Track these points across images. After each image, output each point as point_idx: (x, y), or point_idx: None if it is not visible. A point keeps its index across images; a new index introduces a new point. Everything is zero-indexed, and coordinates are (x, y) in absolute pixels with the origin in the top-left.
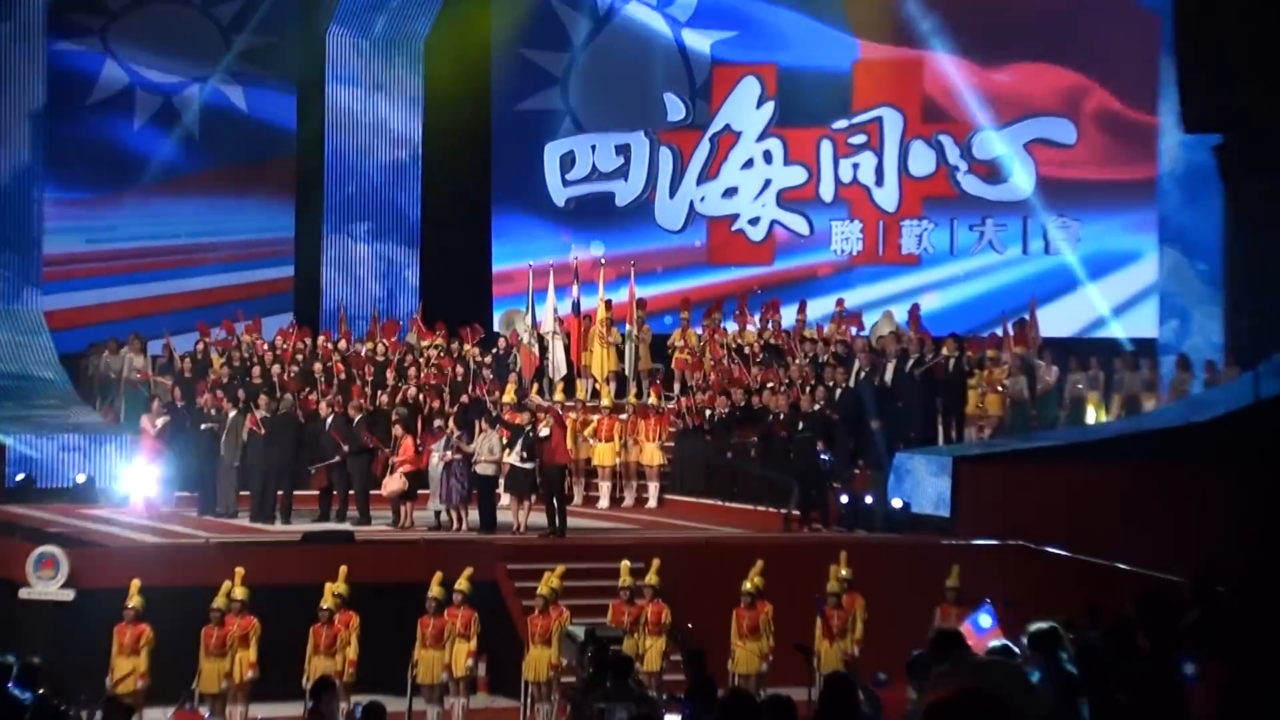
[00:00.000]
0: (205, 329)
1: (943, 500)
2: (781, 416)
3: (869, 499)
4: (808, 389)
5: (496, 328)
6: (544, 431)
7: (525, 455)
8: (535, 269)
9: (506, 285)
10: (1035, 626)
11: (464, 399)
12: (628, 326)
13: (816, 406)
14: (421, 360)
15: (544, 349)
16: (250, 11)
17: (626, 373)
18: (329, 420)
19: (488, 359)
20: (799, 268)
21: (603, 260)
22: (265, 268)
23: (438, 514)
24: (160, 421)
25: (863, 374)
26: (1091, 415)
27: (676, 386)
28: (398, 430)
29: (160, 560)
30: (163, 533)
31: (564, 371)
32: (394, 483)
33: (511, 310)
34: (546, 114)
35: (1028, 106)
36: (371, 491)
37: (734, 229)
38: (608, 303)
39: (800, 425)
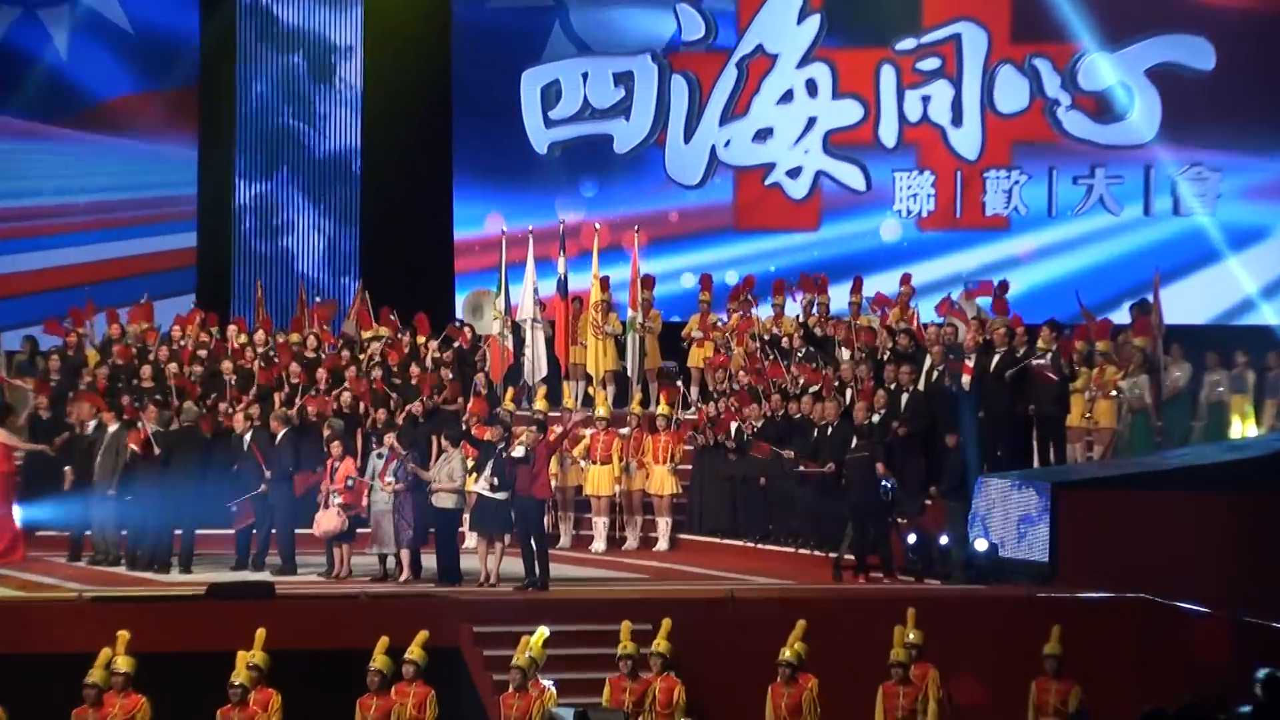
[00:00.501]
0: (79, 315)
1: (1040, 540)
2: (830, 430)
3: (944, 539)
4: (864, 394)
5: (459, 314)
6: (520, 451)
7: (496, 482)
8: (509, 236)
9: (471, 258)
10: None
11: (417, 408)
12: (630, 312)
13: (876, 417)
14: (363, 357)
15: (520, 342)
16: None
17: (629, 373)
18: (246, 436)
19: (448, 355)
20: (853, 233)
21: (598, 225)
22: (159, 235)
23: (383, 560)
24: (16, 447)
25: (936, 374)
26: (1236, 427)
27: (694, 391)
28: (334, 449)
29: (16, 622)
30: (18, 584)
31: (545, 372)
32: (329, 519)
33: (478, 291)
34: (529, 14)
35: (1151, 21)
36: (299, 530)
37: (768, 183)
38: (604, 280)
39: (854, 441)
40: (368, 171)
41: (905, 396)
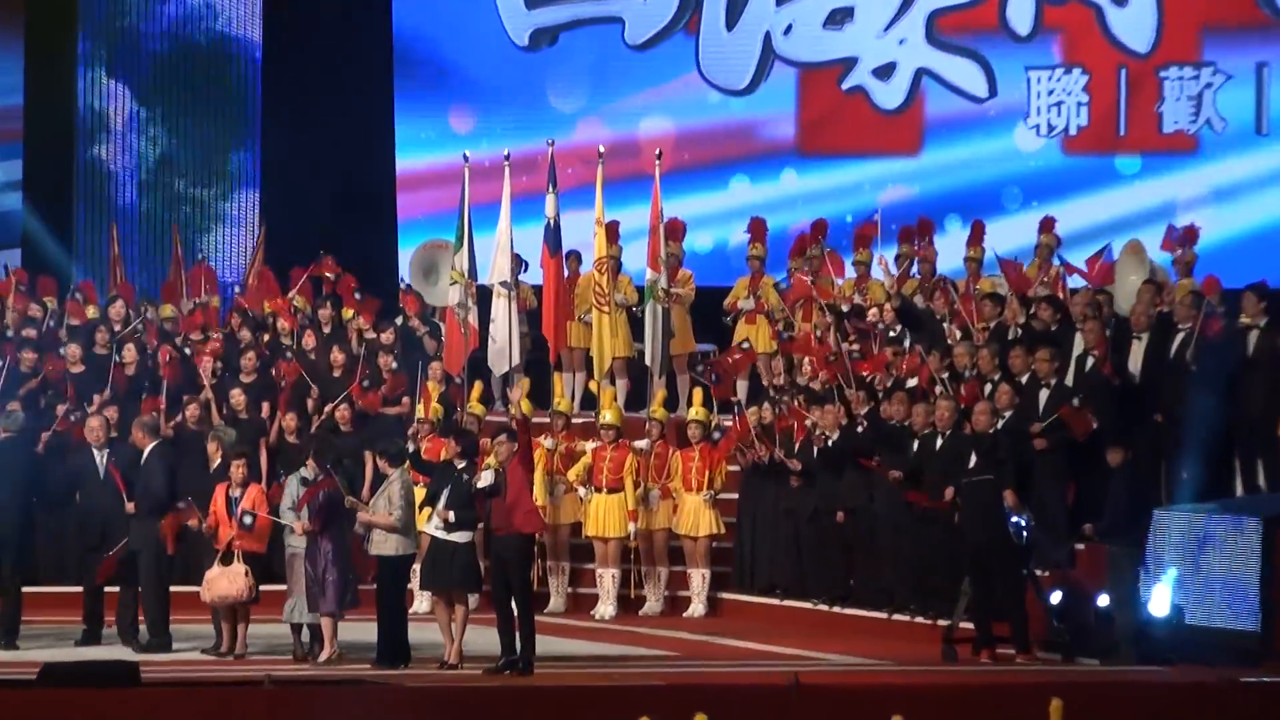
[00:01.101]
0: None
1: (1245, 602)
2: (938, 443)
3: (1103, 600)
4: (985, 390)
5: (404, 277)
6: (488, 478)
7: (454, 518)
8: (475, 165)
9: (421, 195)
10: None
11: (342, 413)
12: (650, 273)
13: (1001, 422)
14: (263, 340)
15: (488, 316)
16: None
17: (648, 360)
18: (101, 456)
19: (387, 335)
20: (969, 159)
21: (602, 150)
22: None
23: (297, 630)
24: None
25: (1091, 362)
26: None
27: (743, 387)
28: (234, 470)
29: None
30: None
31: (517, 359)
32: (227, 581)
33: (431, 244)
34: None
35: None
36: (178, 588)
37: (847, 87)
38: (612, 227)
39: (973, 458)
40: (270, 71)
41: (1045, 393)
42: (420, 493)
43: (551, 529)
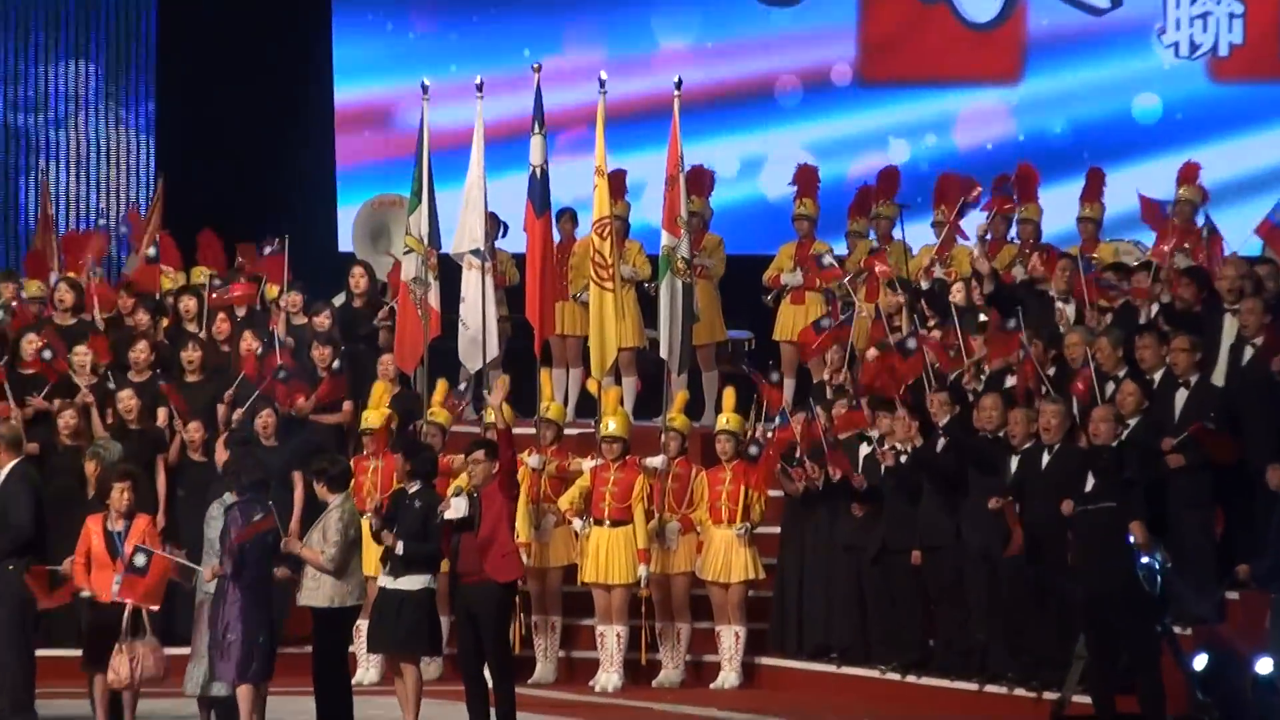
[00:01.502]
0: None
1: None
2: (1044, 458)
3: (1262, 664)
4: (1106, 390)
5: (346, 243)
6: (458, 509)
7: (407, 553)
8: (438, 91)
9: (367, 139)
10: None
11: (262, 421)
12: (667, 238)
13: (1126, 433)
14: (161, 325)
15: (455, 296)
16: None
17: (664, 352)
18: None
19: (322, 319)
20: (1083, 89)
21: (604, 75)
22: None
23: (206, 707)
24: None
25: (1248, 353)
26: None
27: (787, 387)
28: (116, 496)
29: None
30: None
31: (495, 350)
32: (129, 659)
33: (381, 200)
34: None
35: None
36: (42, 652)
37: None
38: (617, 177)
39: (1089, 481)
40: None
41: (1184, 395)
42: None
43: (538, 574)
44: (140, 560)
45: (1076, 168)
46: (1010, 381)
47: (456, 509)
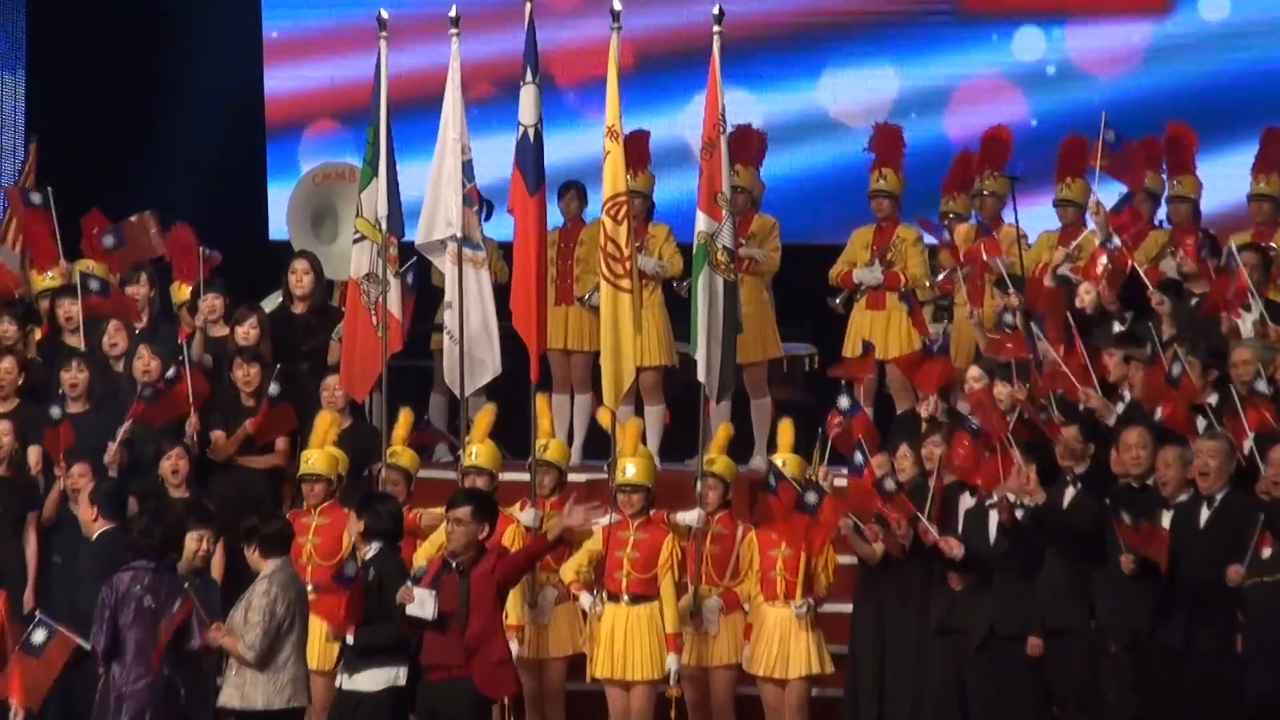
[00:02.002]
0: None
1: None
2: (1205, 510)
3: None
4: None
5: (280, 229)
6: (425, 604)
7: (361, 642)
8: (396, 33)
9: (307, 90)
10: None
11: (171, 466)
12: (704, 222)
13: None
14: (31, 337)
15: (426, 295)
16: None
17: (701, 374)
18: None
19: (249, 331)
20: (1253, 25)
21: (619, 6)
22: None
23: None
24: None
25: None
26: None
27: (861, 418)
28: None
29: None
30: None
31: (492, 371)
32: None
33: (327, 170)
34: None
35: None
36: None
37: None
38: (637, 143)
39: (1269, 548)
40: None
41: None
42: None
43: (534, 667)
44: (39, 637)
45: (1245, 128)
46: (1160, 412)
47: (421, 606)
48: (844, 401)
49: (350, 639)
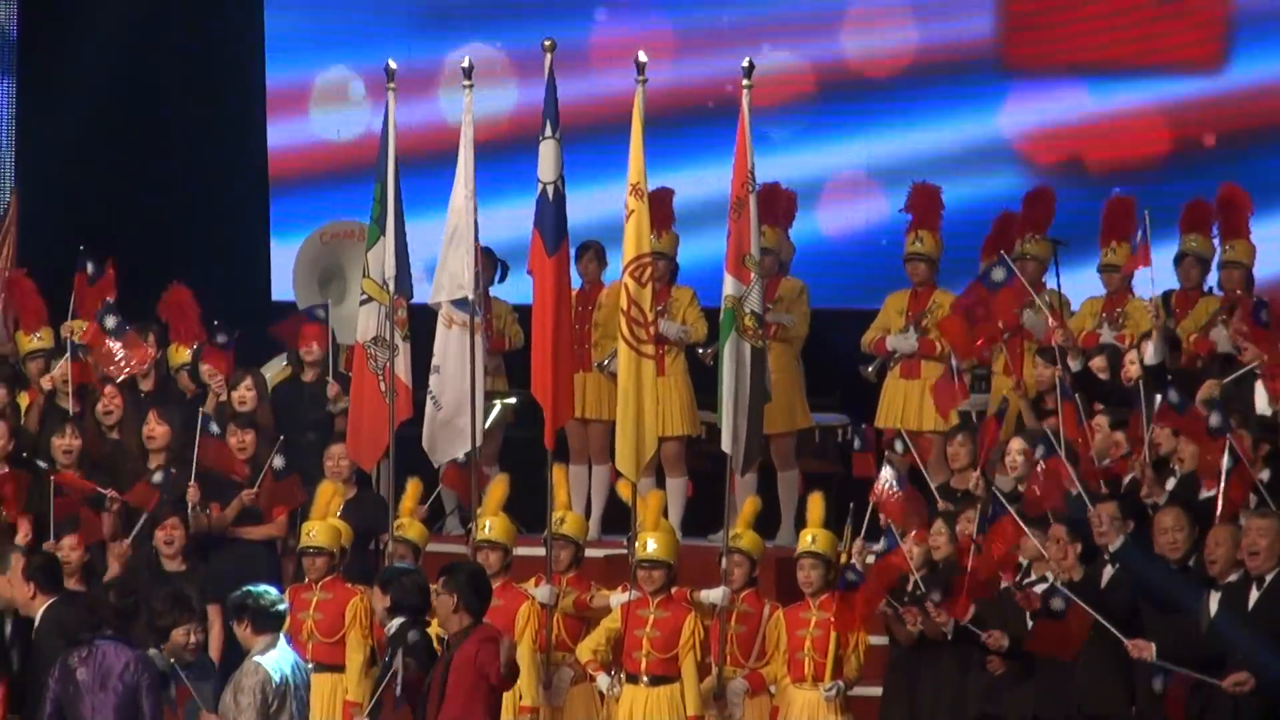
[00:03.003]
0: None
1: None
2: (1254, 592)
3: None
4: None
5: (288, 290)
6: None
7: None
8: (406, 86)
9: (312, 145)
10: None
11: (165, 536)
12: (732, 285)
13: None
14: (15, 403)
15: (429, 363)
16: None
17: (725, 444)
18: None
19: (245, 395)
20: None
21: (644, 59)
22: None
23: None
24: None
25: None
26: None
27: (890, 490)
28: None
29: None
30: None
31: (480, 435)
32: None
33: (334, 231)
34: None
35: None
36: None
37: None
38: (661, 202)
39: None
40: None
41: None
42: None
43: None
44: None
45: None
46: (1209, 491)
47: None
48: (888, 472)
49: None
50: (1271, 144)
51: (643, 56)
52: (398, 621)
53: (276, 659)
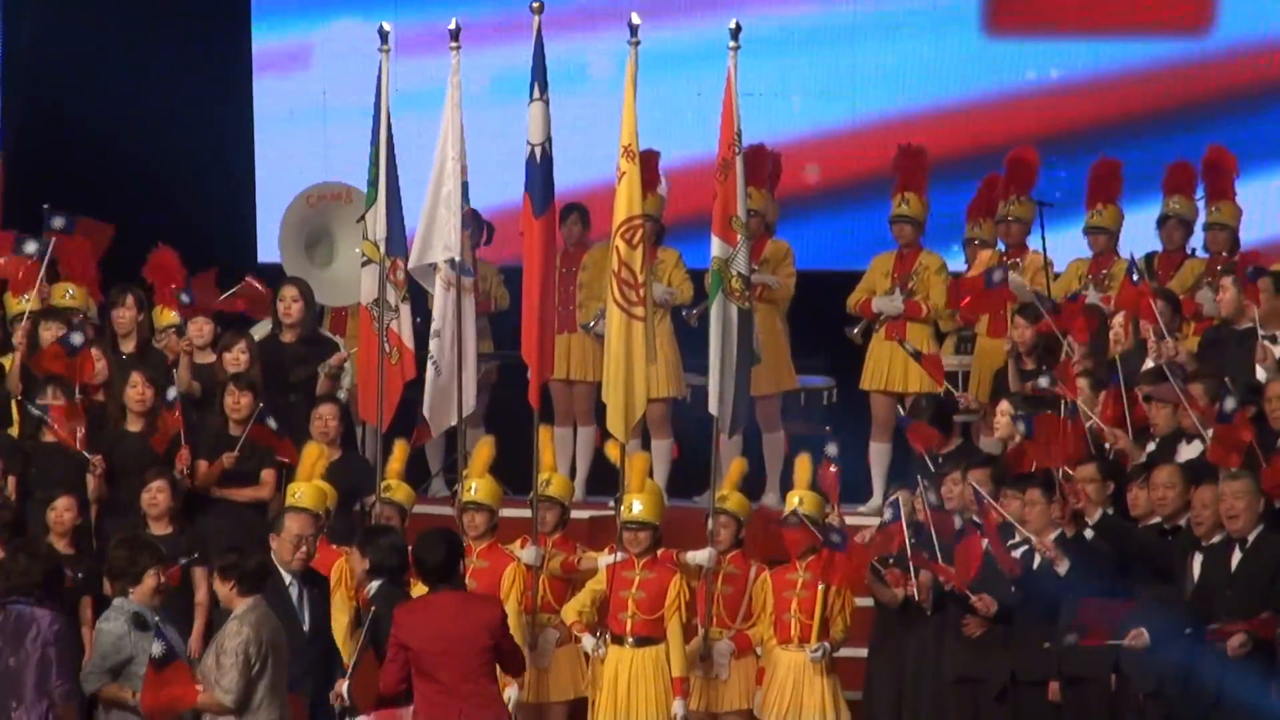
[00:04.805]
0: None
1: None
2: (1236, 555)
3: None
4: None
5: (270, 253)
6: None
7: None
8: (402, 46)
9: (297, 102)
10: None
11: (150, 498)
12: (719, 247)
13: None
14: (11, 362)
15: (425, 325)
16: None
17: (712, 405)
18: None
19: (236, 353)
20: None
21: (636, 21)
22: None
23: None
24: None
25: None
26: None
27: (879, 455)
28: None
29: None
30: None
31: (471, 404)
32: None
33: (320, 193)
34: None
35: None
36: None
37: None
38: (649, 163)
39: None
40: None
41: None
42: None
43: (534, 711)
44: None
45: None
46: (1189, 451)
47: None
48: (832, 449)
49: (348, 697)
50: (1258, 105)
51: (635, 19)
52: (377, 583)
53: (256, 620)
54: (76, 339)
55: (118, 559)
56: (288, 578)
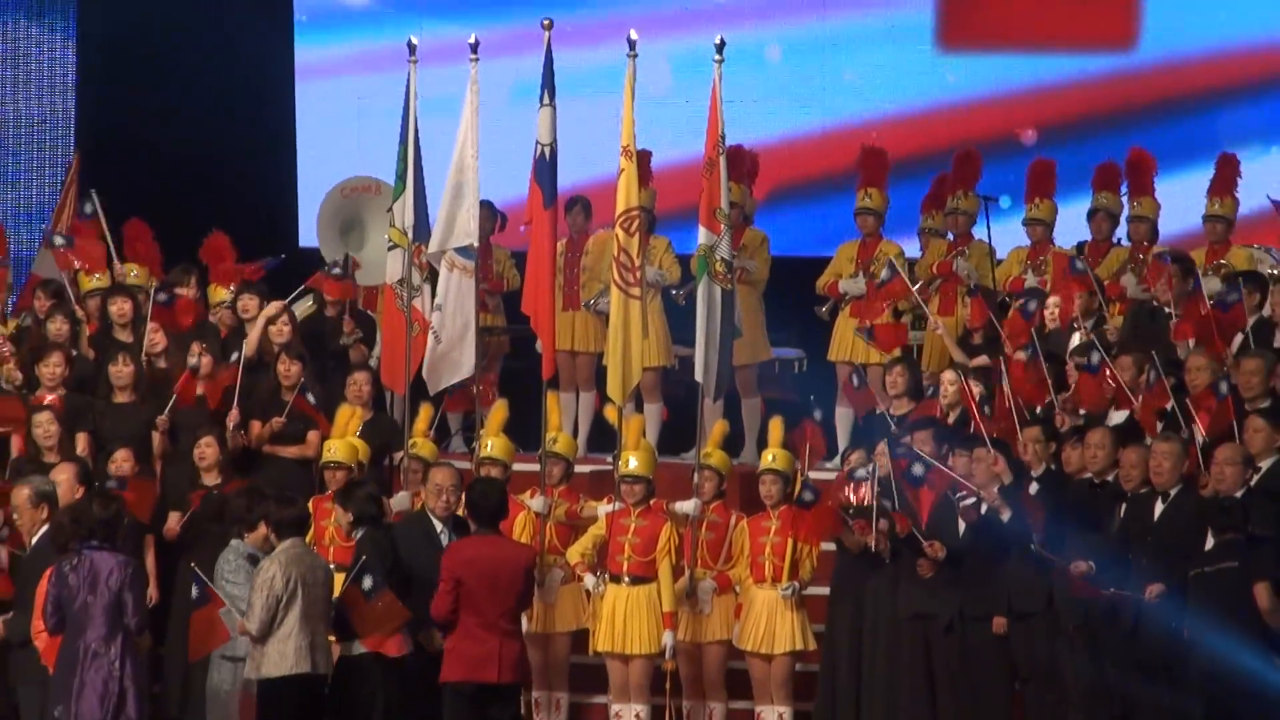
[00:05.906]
0: None
1: None
2: (1159, 505)
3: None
4: (1211, 416)
5: (312, 238)
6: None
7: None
8: (425, 56)
9: (335, 110)
10: None
11: (199, 454)
12: (705, 235)
13: (1257, 478)
14: (81, 332)
15: (443, 303)
16: None
17: (698, 374)
18: None
19: (280, 325)
20: (1214, 55)
21: (635, 36)
22: None
23: None
24: None
25: None
26: None
27: (844, 419)
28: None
29: None
30: None
31: (465, 371)
32: None
33: (352, 186)
34: None
35: None
36: None
37: None
38: (644, 161)
39: (1209, 538)
40: None
41: None
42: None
43: (540, 641)
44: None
45: (1201, 157)
46: (1119, 417)
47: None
48: (818, 414)
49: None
50: (1175, 113)
51: (634, 34)
52: (361, 531)
53: (287, 559)
54: (162, 297)
55: (238, 506)
56: (438, 525)
